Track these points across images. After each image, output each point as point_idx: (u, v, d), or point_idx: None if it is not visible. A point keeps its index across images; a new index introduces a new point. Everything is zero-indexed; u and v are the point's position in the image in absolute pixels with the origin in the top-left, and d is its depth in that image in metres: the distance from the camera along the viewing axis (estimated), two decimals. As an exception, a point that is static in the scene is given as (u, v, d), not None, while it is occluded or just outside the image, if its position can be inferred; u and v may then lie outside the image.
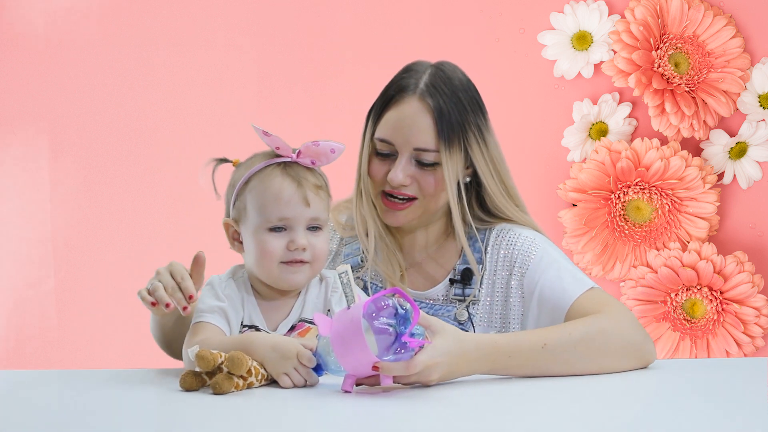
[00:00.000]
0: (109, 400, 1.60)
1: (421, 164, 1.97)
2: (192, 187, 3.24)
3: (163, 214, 3.25)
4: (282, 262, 1.83)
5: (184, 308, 1.77)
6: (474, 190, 2.05)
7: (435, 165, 1.97)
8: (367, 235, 2.02)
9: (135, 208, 3.25)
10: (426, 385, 1.66)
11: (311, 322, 1.86)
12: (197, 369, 1.62)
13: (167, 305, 1.76)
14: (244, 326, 1.85)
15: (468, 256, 2.01)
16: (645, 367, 1.87)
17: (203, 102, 3.25)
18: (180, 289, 1.78)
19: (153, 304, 1.77)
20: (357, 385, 1.63)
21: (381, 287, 2.02)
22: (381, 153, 1.99)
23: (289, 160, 1.85)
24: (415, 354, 1.61)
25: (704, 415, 1.47)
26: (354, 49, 3.21)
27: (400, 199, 1.98)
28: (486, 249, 2.02)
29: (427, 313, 1.98)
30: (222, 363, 1.59)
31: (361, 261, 2.05)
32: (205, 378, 1.62)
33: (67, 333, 3.25)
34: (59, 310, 3.26)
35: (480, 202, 2.06)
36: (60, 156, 3.25)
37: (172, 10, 3.24)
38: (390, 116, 1.98)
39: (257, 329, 1.84)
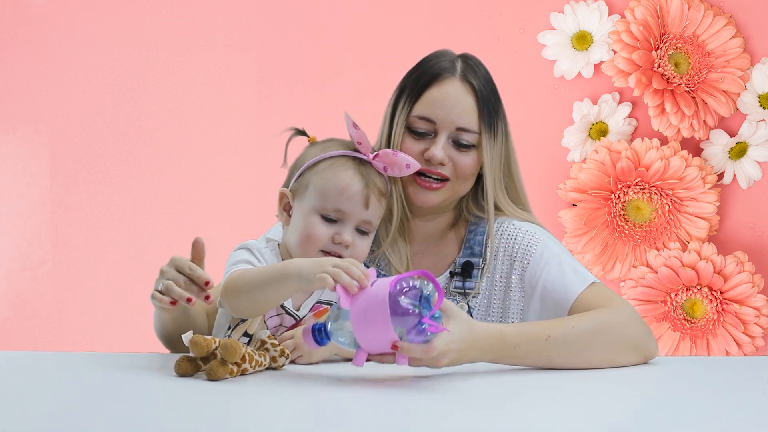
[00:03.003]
0: (102, 384, 1.60)
1: (458, 145, 1.98)
2: (192, 186, 3.24)
3: (162, 212, 3.25)
4: (323, 251, 1.84)
5: (207, 297, 1.73)
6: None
7: (471, 147, 1.98)
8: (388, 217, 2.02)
9: (135, 207, 3.25)
10: (433, 368, 1.64)
11: (329, 304, 1.87)
12: (191, 354, 1.62)
13: (188, 300, 1.72)
14: None
15: (490, 237, 2.01)
16: (646, 362, 1.86)
17: (203, 102, 3.25)
18: (193, 280, 1.75)
19: (172, 303, 1.73)
20: (366, 360, 1.61)
21: (385, 275, 2.02)
22: (417, 132, 1.98)
23: (364, 158, 1.87)
24: (433, 338, 1.59)
25: (702, 411, 1.46)
26: (354, 49, 3.22)
27: (434, 179, 1.98)
28: (486, 242, 2.01)
29: None
30: (216, 349, 1.59)
31: None
32: (200, 363, 1.62)
33: (65, 315, 3.26)
34: (57, 298, 3.26)
35: (481, 194, 2.06)
36: (60, 156, 3.25)
37: (172, 10, 3.25)
38: (432, 94, 1.98)
39: (282, 306, 1.84)
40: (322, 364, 1.76)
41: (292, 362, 1.74)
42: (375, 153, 1.87)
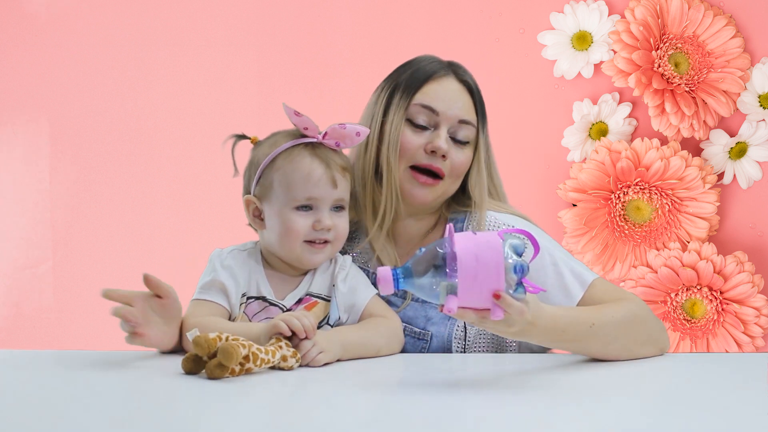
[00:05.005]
0: (102, 382, 1.60)
1: (456, 141, 1.99)
2: (192, 186, 3.24)
3: (162, 212, 3.25)
4: (306, 241, 1.86)
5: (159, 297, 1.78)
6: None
7: (466, 144, 2.00)
8: (373, 215, 2.02)
9: (135, 206, 3.25)
10: (499, 333, 1.60)
11: (318, 297, 1.87)
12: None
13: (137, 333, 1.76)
14: (251, 298, 1.86)
15: (480, 222, 2.01)
16: (660, 355, 1.88)
17: (203, 102, 3.25)
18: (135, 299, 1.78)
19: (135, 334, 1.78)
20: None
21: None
22: (416, 124, 1.99)
23: (315, 140, 1.87)
24: (527, 297, 1.56)
25: (703, 407, 1.46)
26: (354, 49, 3.22)
27: (431, 173, 1.98)
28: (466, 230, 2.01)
29: (417, 304, 1.99)
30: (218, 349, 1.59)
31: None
32: (206, 360, 1.61)
33: (65, 313, 3.26)
34: (57, 296, 3.26)
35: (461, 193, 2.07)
36: (60, 155, 3.25)
37: (172, 10, 3.24)
38: (433, 87, 2.00)
39: (264, 299, 1.85)
40: (329, 366, 1.75)
41: (305, 365, 1.72)
42: (323, 132, 1.87)
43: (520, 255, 1.53)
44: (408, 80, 2.01)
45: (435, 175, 1.98)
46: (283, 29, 3.23)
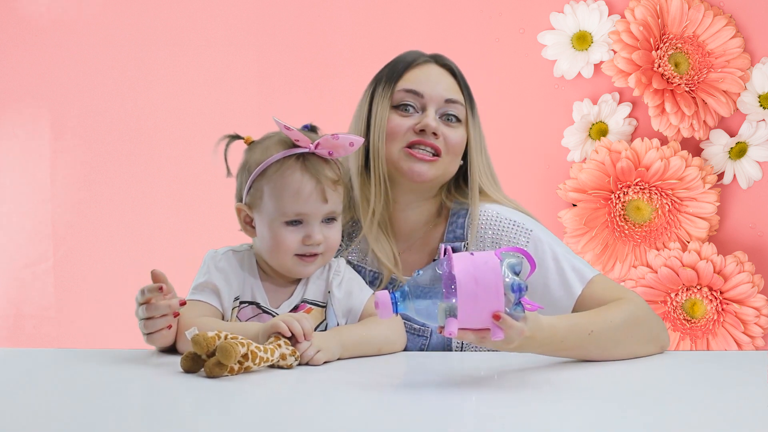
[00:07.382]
0: (102, 380, 1.60)
1: (447, 120, 1.99)
2: (191, 185, 3.24)
3: (162, 211, 3.25)
4: (296, 254, 1.85)
5: (182, 303, 1.78)
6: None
7: (458, 123, 2.00)
8: (368, 209, 2.01)
9: (135, 205, 3.25)
10: (499, 349, 1.61)
11: (313, 303, 1.87)
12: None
13: (169, 327, 1.77)
14: (243, 302, 1.86)
15: (472, 216, 2.00)
16: (661, 352, 1.88)
17: (203, 102, 3.25)
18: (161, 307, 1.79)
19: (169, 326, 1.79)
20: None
21: (376, 272, 2.01)
22: (404, 109, 1.99)
23: (306, 150, 1.84)
24: (525, 316, 1.56)
25: (702, 405, 1.46)
26: (354, 49, 3.22)
27: (427, 151, 1.97)
28: (468, 226, 2.01)
29: None
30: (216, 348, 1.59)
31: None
32: (205, 358, 1.61)
33: (65, 312, 3.26)
34: (57, 295, 3.26)
35: (462, 181, 2.07)
36: (60, 154, 3.25)
37: (172, 10, 3.24)
38: (414, 73, 2.01)
39: (258, 306, 1.85)
40: (329, 365, 1.75)
41: (303, 363, 1.72)
42: (315, 142, 1.84)
43: (517, 274, 1.53)
44: (389, 72, 2.03)
45: (433, 153, 1.97)
46: (283, 29, 3.23)
